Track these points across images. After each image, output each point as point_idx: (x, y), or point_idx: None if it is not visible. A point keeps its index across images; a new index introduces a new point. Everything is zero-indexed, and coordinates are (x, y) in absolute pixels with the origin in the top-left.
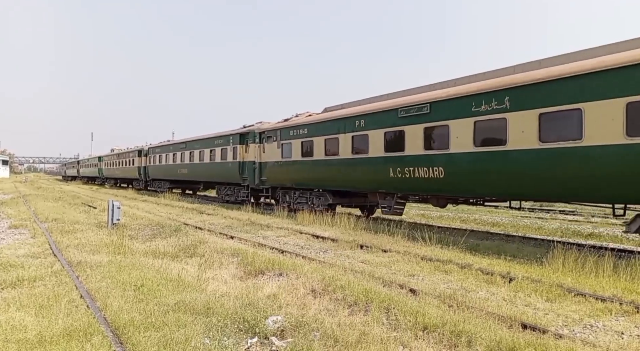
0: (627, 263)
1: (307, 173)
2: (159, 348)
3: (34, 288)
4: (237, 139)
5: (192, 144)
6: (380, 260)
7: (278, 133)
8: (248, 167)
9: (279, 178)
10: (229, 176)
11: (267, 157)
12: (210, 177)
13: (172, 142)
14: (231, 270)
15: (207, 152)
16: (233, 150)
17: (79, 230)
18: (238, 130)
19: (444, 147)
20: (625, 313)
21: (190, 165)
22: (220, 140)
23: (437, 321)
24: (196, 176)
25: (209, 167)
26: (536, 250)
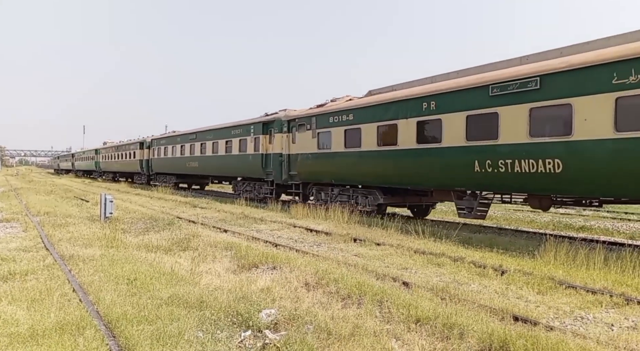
0: (618, 256)
1: (351, 168)
2: (152, 342)
3: (25, 282)
4: (259, 129)
5: (204, 135)
6: (373, 254)
7: (313, 121)
8: (273, 160)
9: (314, 173)
10: (250, 170)
11: (299, 148)
12: (225, 171)
13: (179, 132)
14: (224, 264)
15: (222, 144)
16: (254, 141)
17: (71, 224)
18: (260, 119)
19: (563, 132)
20: (615, 305)
21: (201, 158)
22: (238, 130)
23: (429, 313)
24: (209, 170)
25: (225, 160)
26: (528, 243)
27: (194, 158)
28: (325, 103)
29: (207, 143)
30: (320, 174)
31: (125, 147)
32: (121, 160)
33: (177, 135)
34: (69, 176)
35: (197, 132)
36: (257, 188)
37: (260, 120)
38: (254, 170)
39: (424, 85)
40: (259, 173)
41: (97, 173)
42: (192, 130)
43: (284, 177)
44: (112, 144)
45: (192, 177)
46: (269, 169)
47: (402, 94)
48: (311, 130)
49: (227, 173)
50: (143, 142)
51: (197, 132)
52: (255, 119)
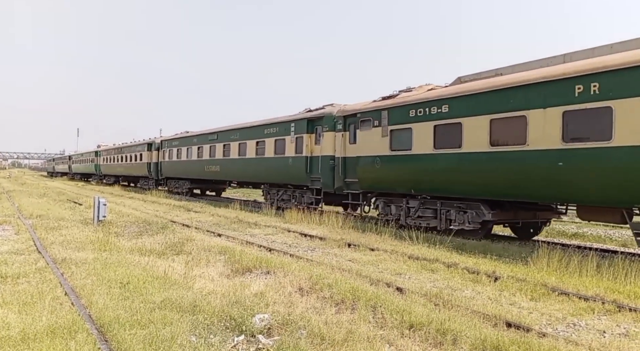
0: (610, 263)
1: (444, 174)
2: (145, 346)
3: (17, 285)
4: (302, 127)
5: (228, 135)
6: (367, 259)
7: (383, 116)
8: (322, 164)
9: (382, 181)
10: (289, 175)
11: (360, 149)
12: (255, 176)
13: (195, 132)
14: (218, 268)
15: (252, 145)
16: (295, 142)
17: (64, 227)
18: (302, 115)
19: None
20: (607, 312)
21: (224, 162)
22: (273, 128)
23: (423, 319)
24: (233, 175)
25: (255, 163)
26: (521, 250)
27: (214, 161)
28: (396, 95)
29: (231, 145)
30: (393, 182)
31: (130, 148)
32: (125, 162)
33: (194, 135)
34: (62, 179)
35: (218, 132)
36: (296, 197)
37: (304, 117)
38: (294, 175)
39: (574, 63)
40: (301, 179)
41: (96, 177)
42: (213, 129)
43: (337, 185)
44: (113, 146)
45: (210, 183)
46: (314, 175)
47: (534, 75)
48: (380, 128)
49: (256, 178)
50: (151, 143)
51: (219, 131)
52: (296, 116)
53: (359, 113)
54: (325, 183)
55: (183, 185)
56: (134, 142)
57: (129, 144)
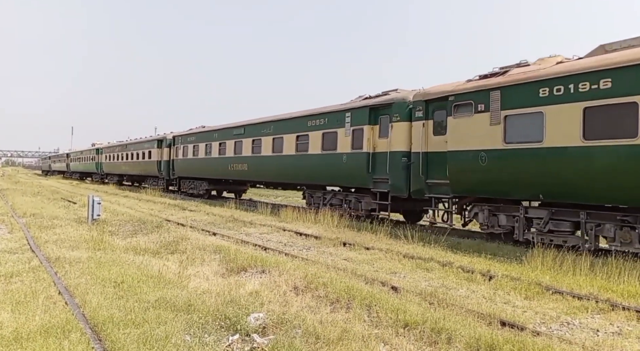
0: (604, 262)
1: (605, 175)
2: (139, 345)
3: (10, 284)
4: (361, 117)
5: (259, 129)
6: (362, 258)
7: (493, 97)
8: (391, 162)
9: (491, 182)
10: (343, 176)
11: (453, 142)
12: (294, 176)
13: (217, 127)
14: (213, 267)
15: (291, 140)
16: (352, 135)
17: (58, 226)
18: (361, 103)
19: None
20: (600, 310)
21: (254, 159)
22: (319, 119)
23: (418, 318)
24: (266, 174)
25: (295, 161)
26: (516, 249)
27: (240, 159)
28: (505, 71)
29: (263, 140)
30: (507, 184)
31: (137, 145)
32: (131, 160)
33: (214, 129)
34: (57, 177)
35: (246, 125)
36: (350, 202)
37: (364, 105)
38: (350, 175)
39: None
40: (360, 181)
41: (97, 176)
42: (239, 122)
43: (414, 187)
44: (117, 143)
45: (228, 183)
46: (379, 175)
47: None
48: (488, 113)
49: (296, 179)
50: (162, 139)
51: (247, 125)
52: (352, 104)
53: (452, 95)
54: (396, 185)
55: (200, 186)
56: (142, 138)
57: (136, 140)
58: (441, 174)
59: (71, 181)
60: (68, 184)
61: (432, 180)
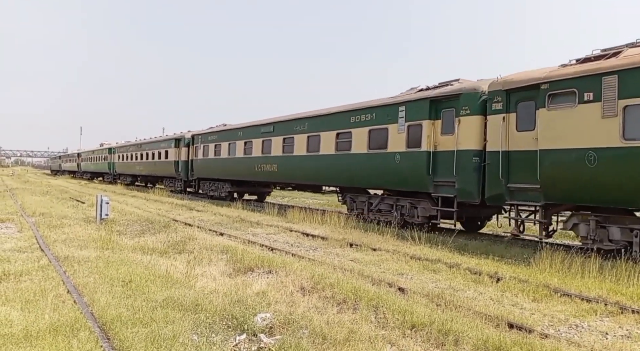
0: (613, 265)
1: None
2: (147, 344)
3: (20, 282)
4: (419, 110)
5: (291, 126)
6: (369, 259)
7: (607, 84)
8: (459, 162)
9: (603, 187)
10: (395, 178)
11: (546, 139)
12: (333, 178)
13: (242, 124)
14: (220, 267)
15: (330, 138)
16: (407, 132)
17: (66, 225)
18: (420, 95)
19: None
20: (610, 313)
21: (285, 159)
22: (366, 115)
23: (425, 319)
24: (300, 175)
25: (335, 161)
26: (523, 251)
27: (269, 159)
28: (610, 53)
29: (296, 138)
30: (624, 190)
31: (152, 144)
32: (146, 160)
33: (239, 128)
34: (66, 177)
35: (276, 123)
36: (404, 208)
37: (423, 97)
38: (404, 177)
39: None
40: (417, 184)
41: (109, 177)
42: (267, 119)
43: (491, 192)
44: (131, 142)
45: (251, 185)
46: (442, 177)
47: None
48: (599, 103)
49: (335, 181)
50: (180, 138)
51: (277, 122)
52: (407, 95)
53: (546, 83)
54: (464, 189)
55: (222, 188)
56: (158, 137)
57: (152, 140)
58: (528, 177)
59: (79, 181)
60: (77, 184)
61: (516, 185)
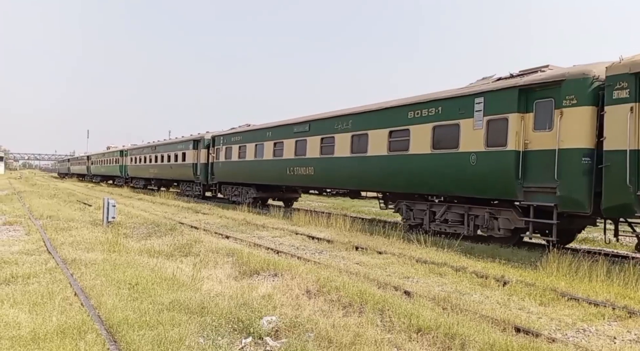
0: (621, 269)
1: None
2: (153, 347)
3: (27, 285)
4: (502, 101)
5: (330, 124)
6: (375, 262)
7: None
8: (561, 164)
9: None
10: (467, 182)
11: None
12: (383, 183)
13: (271, 124)
14: (226, 270)
15: (380, 137)
16: (485, 128)
17: (73, 228)
18: (502, 84)
19: None
20: (617, 318)
21: (323, 162)
22: (426, 109)
23: (431, 323)
24: (341, 179)
25: (388, 163)
26: (530, 254)
27: (304, 161)
28: None
29: (337, 138)
30: None
31: (168, 146)
32: (161, 163)
33: (267, 127)
34: (73, 180)
35: (312, 121)
36: (479, 219)
37: (508, 86)
38: (483, 181)
39: None
40: (501, 189)
41: (121, 180)
42: (302, 118)
43: (613, 201)
44: (144, 144)
45: (283, 190)
46: (537, 182)
47: None
48: None
49: (387, 186)
50: (199, 139)
51: (314, 120)
52: (483, 85)
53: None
54: (570, 197)
55: (246, 193)
56: (174, 139)
57: (167, 141)
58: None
59: (87, 184)
60: (84, 187)
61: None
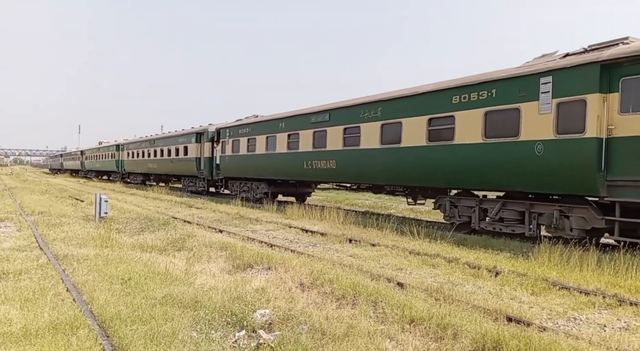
0: (611, 258)
1: None
2: (146, 342)
3: (19, 281)
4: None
5: (354, 113)
6: (368, 254)
7: None
8: None
9: None
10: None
11: None
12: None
13: (284, 114)
14: (219, 264)
15: (415, 126)
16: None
17: (65, 224)
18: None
19: None
20: (608, 306)
21: (348, 154)
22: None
23: (423, 314)
24: (369, 174)
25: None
26: (522, 245)
27: (325, 154)
28: None
29: (363, 128)
30: None
31: (168, 140)
32: (160, 158)
33: (280, 118)
34: (65, 176)
35: (333, 110)
36: (553, 217)
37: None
38: (552, 174)
39: None
40: (578, 183)
41: (117, 175)
42: (321, 107)
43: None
44: (142, 138)
45: (297, 185)
46: (627, 175)
47: None
48: None
49: (425, 180)
50: (203, 132)
51: (335, 109)
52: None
53: None
54: None
55: (256, 189)
56: (174, 132)
57: (167, 134)
58: None
59: (79, 179)
60: (75, 182)
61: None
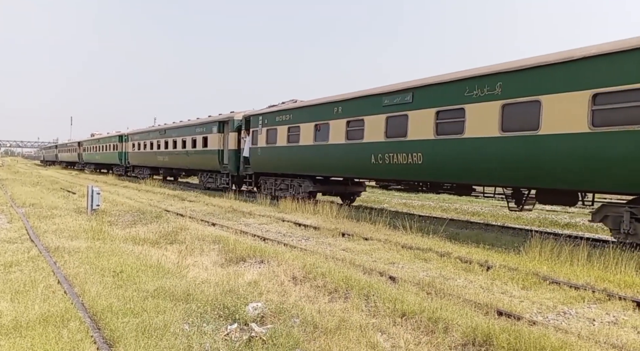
0: (601, 253)
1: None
2: (138, 334)
3: (9, 273)
4: None
5: (455, 89)
6: (361, 248)
7: None
8: None
9: None
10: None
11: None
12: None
13: (341, 97)
14: (212, 257)
15: (560, 106)
16: None
17: (57, 216)
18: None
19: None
20: (597, 300)
21: (443, 145)
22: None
23: (415, 308)
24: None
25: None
26: (514, 239)
27: (404, 145)
28: None
29: (469, 110)
30: None
31: (183, 129)
32: (173, 150)
33: (336, 101)
34: (56, 168)
35: (417, 88)
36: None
37: None
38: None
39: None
40: None
41: (120, 169)
42: (396, 85)
43: None
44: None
45: (348, 184)
46: None
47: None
48: None
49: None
50: (227, 121)
51: (419, 87)
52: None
53: None
54: None
55: (298, 187)
56: (191, 121)
57: (182, 124)
58: None
59: (70, 171)
60: (67, 174)
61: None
